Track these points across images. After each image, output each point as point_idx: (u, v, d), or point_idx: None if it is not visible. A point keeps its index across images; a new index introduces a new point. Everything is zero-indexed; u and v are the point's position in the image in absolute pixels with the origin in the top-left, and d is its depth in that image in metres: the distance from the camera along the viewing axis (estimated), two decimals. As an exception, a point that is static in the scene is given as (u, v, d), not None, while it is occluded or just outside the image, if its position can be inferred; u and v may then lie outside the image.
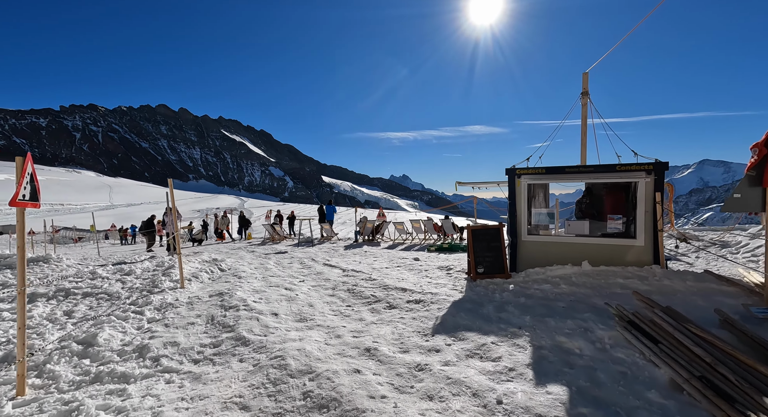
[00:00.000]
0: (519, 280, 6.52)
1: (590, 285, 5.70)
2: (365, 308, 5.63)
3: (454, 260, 10.10)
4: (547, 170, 7.16)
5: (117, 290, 6.59)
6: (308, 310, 5.56)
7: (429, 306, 5.43)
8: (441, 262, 9.75)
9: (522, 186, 7.38)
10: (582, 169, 6.85)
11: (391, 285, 6.75)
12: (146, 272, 8.25)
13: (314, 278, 7.92)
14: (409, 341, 4.19)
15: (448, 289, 6.39)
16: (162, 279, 7.10)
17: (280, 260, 10.98)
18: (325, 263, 9.99)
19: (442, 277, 7.52)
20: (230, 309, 5.43)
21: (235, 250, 15.12)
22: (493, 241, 6.91)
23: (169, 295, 6.18)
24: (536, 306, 4.99)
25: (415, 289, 6.42)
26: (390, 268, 8.95)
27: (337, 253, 12.72)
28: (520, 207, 7.39)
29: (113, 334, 4.45)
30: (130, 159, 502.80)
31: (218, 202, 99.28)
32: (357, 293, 6.41)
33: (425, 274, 7.95)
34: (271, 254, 12.69)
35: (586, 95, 8.74)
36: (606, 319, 4.20)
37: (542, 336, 3.98)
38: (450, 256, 10.88)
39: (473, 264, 6.82)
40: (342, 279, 7.67)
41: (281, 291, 6.66)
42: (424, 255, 11.32)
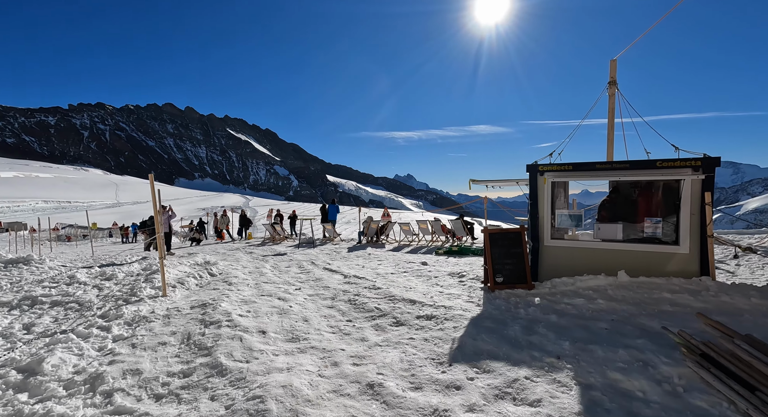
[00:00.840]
0: (544, 291, 5.71)
1: (632, 300, 4.87)
2: (368, 324, 4.84)
3: (465, 265, 9.29)
4: (575, 167, 6.33)
5: (90, 299, 5.86)
6: (302, 326, 4.79)
7: (443, 323, 4.64)
8: (451, 267, 8.95)
9: (545, 184, 6.56)
10: (616, 165, 6.02)
11: (397, 295, 5.96)
12: (129, 277, 7.53)
13: (312, 285, 7.15)
14: (421, 373, 3.40)
15: (463, 301, 5.59)
16: (142, 286, 6.37)
17: (278, 263, 10.23)
18: (325, 267, 9.22)
19: (455, 286, 6.72)
20: (211, 325, 4.67)
21: (232, 251, 14.40)
22: (513, 246, 6.10)
23: (145, 306, 5.43)
24: (573, 327, 4.17)
25: (426, 301, 5.63)
26: (396, 274, 8.16)
27: (339, 255, 11.95)
28: (543, 207, 6.57)
29: (65, 358, 3.70)
30: (137, 157, 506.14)
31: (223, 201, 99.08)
32: (359, 305, 5.63)
33: (435, 282, 7.16)
34: (270, 256, 11.96)
35: (613, 85, 7.89)
36: (668, 350, 3.38)
37: (589, 370, 3.18)
38: (460, 261, 10.07)
39: (491, 272, 6.02)
40: (343, 287, 6.90)
41: (274, 301, 5.90)
42: (432, 258, 10.52)
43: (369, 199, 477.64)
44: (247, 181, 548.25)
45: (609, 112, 8.07)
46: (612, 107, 8.02)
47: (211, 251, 14.44)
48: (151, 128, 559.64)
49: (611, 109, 8.04)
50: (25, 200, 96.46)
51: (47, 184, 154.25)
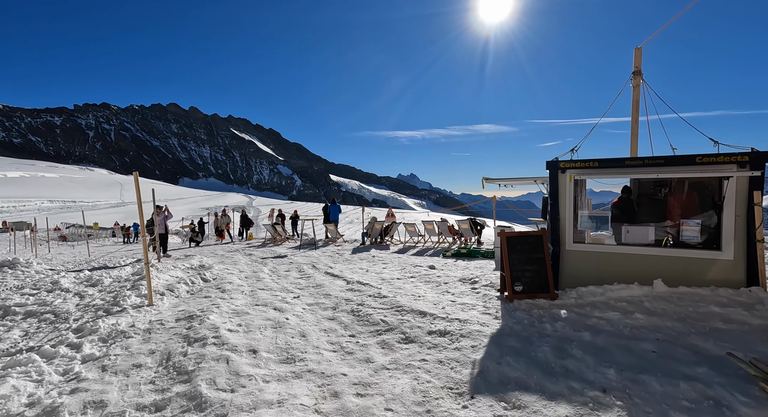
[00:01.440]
0: (570, 302, 5.11)
1: (675, 315, 4.27)
2: (373, 341, 4.28)
3: (475, 269, 8.70)
4: (601, 163, 5.73)
5: (68, 309, 5.34)
6: (299, 343, 4.23)
7: (459, 341, 4.06)
8: (461, 272, 8.37)
9: (570, 181, 5.97)
10: (648, 161, 5.41)
11: (405, 306, 5.39)
12: (116, 283, 7.01)
13: (312, 293, 6.59)
14: (438, 408, 2.83)
15: (479, 312, 5.01)
16: (127, 294, 5.84)
17: (277, 267, 9.68)
18: (326, 272, 8.66)
19: (468, 294, 6.14)
20: (196, 342, 4.12)
21: (232, 252, 13.89)
22: (534, 251, 5.50)
23: (126, 318, 4.89)
24: (612, 348, 3.58)
25: (437, 312, 5.05)
26: (402, 280, 7.59)
27: (341, 257, 11.39)
28: (565, 208, 5.98)
29: (20, 386, 3.16)
30: (142, 157, 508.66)
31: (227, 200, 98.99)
32: (363, 317, 5.06)
33: (446, 289, 6.58)
34: (269, 259, 11.42)
35: (638, 75, 7.28)
36: (740, 383, 2.79)
37: (647, 411, 2.59)
38: (470, 264, 9.48)
39: (509, 280, 5.43)
40: (345, 295, 6.33)
41: (269, 312, 5.34)
42: (440, 262, 9.94)
43: (372, 198, 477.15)
44: (251, 181, 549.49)
45: (633, 104, 7.46)
46: (636, 99, 7.40)
47: (210, 253, 13.93)
48: (155, 128, 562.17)
49: (635, 101, 7.42)
50: (30, 200, 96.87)
51: (53, 183, 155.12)
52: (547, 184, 6.55)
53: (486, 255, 10.64)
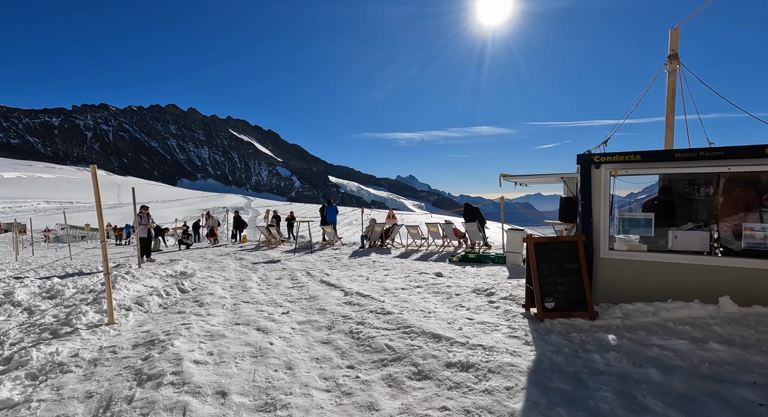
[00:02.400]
0: (614, 323, 4.22)
1: (763, 344, 3.38)
2: (377, 375, 3.38)
3: (487, 277, 7.82)
4: (645, 156, 4.85)
5: (6, 330, 4.42)
6: (283, 379, 3.33)
7: (487, 378, 3.17)
8: (472, 280, 7.48)
9: (603, 178, 5.09)
10: (704, 153, 4.53)
11: (414, 325, 4.49)
12: (79, 294, 6.09)
13: (305, 307, 5.68)
14: None
15: (505, 335, 4.12)
16: (84, 310, 4.92)
17: (268, 274, 8.77)
18: (322, 280, 7.76)
19: (485, 309, 5.25)
20: (149, 381, 3.21)
21: (222, 256, 12.97)
22: (568, 260, 4.61)
23: (72, 344, 3.98)
24: (699, 397, 2.68)
25: (454, 335, 4.15)
26: (408, 290, 6.69)
27: (339, 263, 10.49)
28: (600, 209, 5.10)
29: None
30: (140, 158, 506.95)
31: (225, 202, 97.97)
32: (364, 340, 4.17)
33: (459, 303, 5.68)
34: (260, 264, 10.51)
35: (675, 59, 6.43)
36: None
37: None
38: (480, 271, 8.60)
39: (538, 295, 4.53)
40: (343, 310, 5.43)
41: (250, 335, 4.42)
42: (447, 268, 9.05)
43: (371, 200, 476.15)
44: (250, 182, 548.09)
45: (668, 92, 6.59)
46: (672, 86, 6.54)
47: (199, 257, 13.01)
48: (154, 129, 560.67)
49: (671, 88, 6.55)
50: (27, 201, 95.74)
51: (50, 184, 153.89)
52: (576, 181, 5.68)
53: (496, 260, 9.76)
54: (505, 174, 5.98)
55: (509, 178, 6.05)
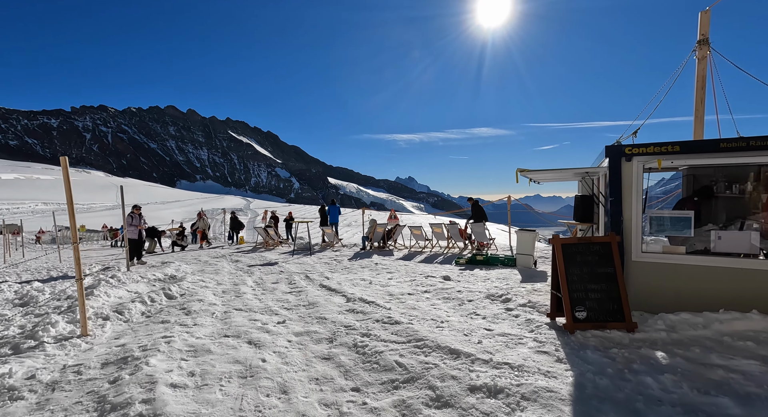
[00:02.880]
0: (658, 337, 3.68)
1: None
2: (388, 401, 2.84)
3: (498, 280, 7.29)
4: (684, 147, 4.32)
5: (-39, 344, 3.87)
6: (277, 407, 2.79)
7: (521, 407, 2.63)
8: (483, 284, 6.95)
9: (635, 172, 4.57)
10: (756, 142, 4.00)
11: (427, 338, 3.95)
12: (53, 301, 5.54)
13: (303, 315, 5.13)
14: None
15: (532, 350, 3.58)
16: (53, 321, 4.37)
17: (264, 278, 8.22)
18: (322, 284, 7.21)
19: (504, 318, 4.71)
20: (112, 411, 2.66)
21: (216, 259, 12.42)
22: (601, 264, 4.08)
23: (31, 362, 3.43)
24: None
25: (474, 350, 3.61)
26: (415, 295, 6.15)
27: (340, 265, 9.95)
28: (631, 206, 4.58)
29: None
30: (139, 159, 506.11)
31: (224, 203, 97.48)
32: (371, 356, 3.63)
33: (473, 311, 5.14)
34: (257, 267, 9.96)
35: (705, 45, 5.92)
36: None
37: None
38: (490, 274, 8.06)
39: (567, 303, 3.99)
40: (345, 318, 4.89)
41: (240, 350, 3.87)
42: (454, 271, 8.51)
43: (370, 201, 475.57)
44: (249, 184, 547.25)
45: (697, 80, 6.08)
46: (702, 74, 6.02)
47: (193, 259, 12.46)
48: (153, 130, 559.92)
49: (701, 76, 6.04)
50: (24, 202, 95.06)
51: (48, 186, 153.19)
52: (595, 177, 5.16)
53: (506, 263, 9.22)
54: (522, 169, 5.45)
55: (526, 174, 5.53)
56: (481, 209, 11.51)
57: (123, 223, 10.29)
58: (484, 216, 11.31)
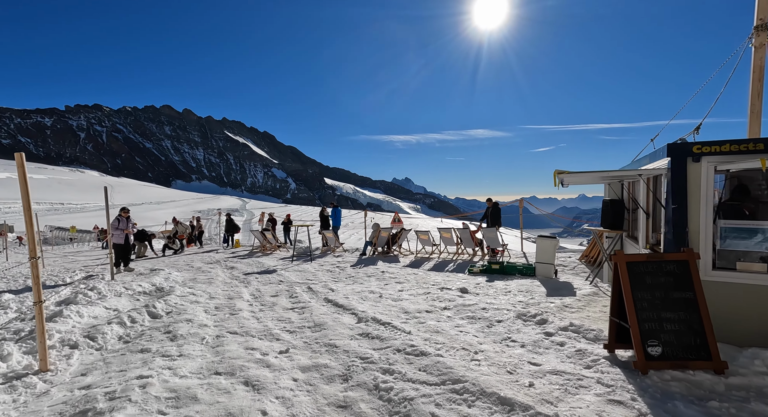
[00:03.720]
0: (760, 382, 2.96)
1: None
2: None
3: (521, 294, 6.59)
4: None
5: None
6: None
7: None
8: (506, 298, 6.24)
9: (704, 175, 3.86)
10: None
11: (465, 377, 3.21)
12: (17, 321, 4.74)
13: (308, 341, 4.37)
14: None
15: (601, 399, 2.85)
16: (6, 351, 3.58)
17: (262, 289, 7.43)
18: (327, 298, 6.44)
19: (547, 347, 3.98)
20: None
21: (211, 265, 11.62)
22: (677, 286, 3.36)
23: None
24: None
25: (528, 399, 2.87)
26: (434, 313, 5.42)
27: (343, 273, 9.20)
28: (699, 215, 3.87)
29: None
30: (134, 159, 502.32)
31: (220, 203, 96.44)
32: (398, 404, 2.88)
33: (507, 335, 4.41)
34: (254, 275, 9.18)
35: (764, 31, 5.25)
36: None
37: None
38: (509, 285, 7.35)
39: (637, 336, 3.26)
40: (359, 345, 4.13)
41: (234, 394, 3.10)
42: (470, 281, 7.79)
43: (367, 202, 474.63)
44: (245, 184, 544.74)
45: (753, 72, 5.39)
46: (760, 64, 5.33)
47: (185, 265, 11.66)
48: (148, 130, 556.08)
49: (758, 67, 5.35)
50: (16, 202, 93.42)
51: (41, 185, 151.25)
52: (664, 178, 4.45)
53: (525, 272, 8.51)
54: (560, 171, 4.73)
55: (565, 175, 4.80)
56: (499, 212, 10.79)
57: (107, 227, 9.48)
58: (499, 220, 10.59)
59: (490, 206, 11.11)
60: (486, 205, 11.52)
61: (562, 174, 4.82)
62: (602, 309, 5.61)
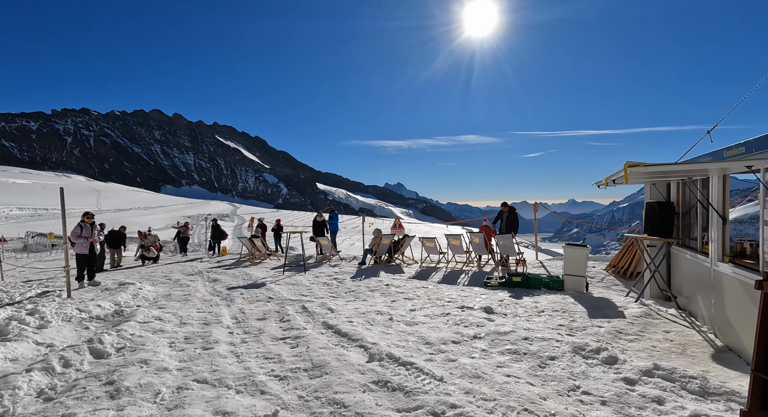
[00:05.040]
0: None
1: None
2: None
3: (555, 313, 5.50)
4: None
5: None
6: None
7: None
8: (543, 321, 5.14)
9: None
10: None
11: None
12: None
13: (305, 395, 3.16)
14: None
15: None
16: None
17: (247, 310, 6.18)
18: (327, 323, 5.24)
19: (643, 409, 2.85)
20: None
21: (192, 276, 10.32)
22: None
23: None
24: None
25: None
26: (464, 345, 4.26)
27: (342, 287, 8.01)
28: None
29: None
30: (122, 164, 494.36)
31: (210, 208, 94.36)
32: None
33: (574, 384, 3.27)
34: (238, 290, 7.92)
35: None
36: None
37: None
38: (539, 302, 6.25)
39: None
40: (376, 404, 2.95)
41: None
42: (491, 297, 6.67)
43: (359, 207, 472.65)
44: (236, 189, 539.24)
45: None
46: None
47: (163, 276, 10.34)
48: (137, 134, 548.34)
49: None
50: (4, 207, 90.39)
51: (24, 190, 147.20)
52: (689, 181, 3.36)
53: (551, 286, 7.41)
54: (633, 163, 3.65)
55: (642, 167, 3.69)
56: (517, 218, 9.69)
57: (67, 235, 8.15)
58: (516, 227, 9.49)
59: (506, 211, 9.99)
60: (500, 210, 10.39)
61: (635, 168, 3.73)
62: (667, 337, 4.52)
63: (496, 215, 10.62)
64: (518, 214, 10.17)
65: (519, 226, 10.04)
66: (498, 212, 10.44)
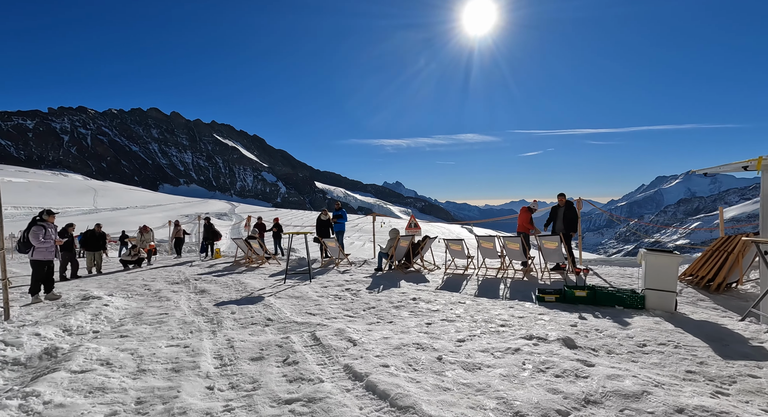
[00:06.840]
0: None
1: None
2: None
3: (663, 347, 3.97)
4: None
5: None
6: None
7: None
8: (661, 364, 3.55)
9: None
10: None
11: None
12: None
13: None
14: None
15: None
16: None
17: (237, 340, 4.52)
18: (350, 367, 3.61)
19: None
20: None
21: (176, 285, 8.69)
22: None
23: None
24: None
25: None
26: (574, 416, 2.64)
27: (359, 301, 6.38)
28: None
29: None
30: (120, 162, 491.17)
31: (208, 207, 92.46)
32: None
33: None
34: (230, 306, 6.28)
35: None
36: None
37: None
38: (631, 327, 4.67)
39: None
40: None
41: None
42: (559, 320, 5.04)
43: (358, 206, 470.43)
44: (234, 188, 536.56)
45: None
46: None
47: (143, 286, 8.69)
48: (135, 133, 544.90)
49: None
50: None
51: (20, 189, 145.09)
52: None
53: (628, 303, 5.79)
54: None
55: None
56: (576, 215, 8.04)
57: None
58: (575, 226, 7.86)
59: (563, 205, 8.25)
60: (557, 204, 8.44)
61: None
62: None
63: (550, 212, 8.64)
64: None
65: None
66: (552, 208, 8.58)
